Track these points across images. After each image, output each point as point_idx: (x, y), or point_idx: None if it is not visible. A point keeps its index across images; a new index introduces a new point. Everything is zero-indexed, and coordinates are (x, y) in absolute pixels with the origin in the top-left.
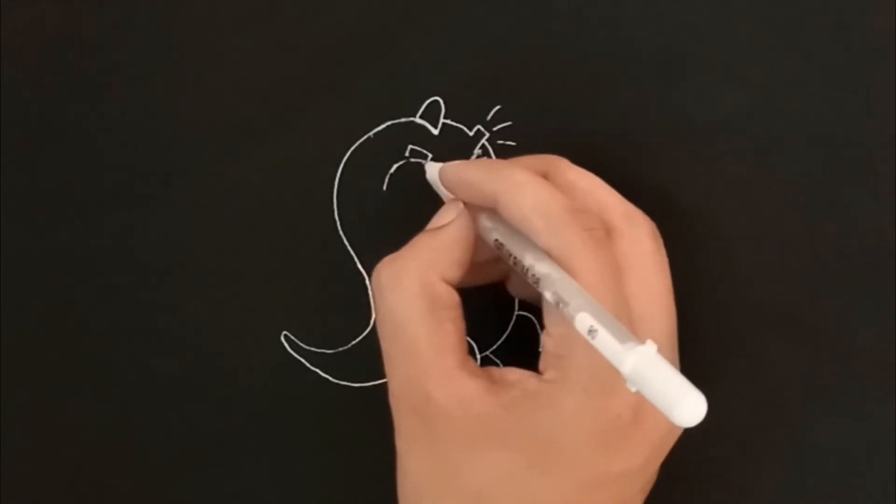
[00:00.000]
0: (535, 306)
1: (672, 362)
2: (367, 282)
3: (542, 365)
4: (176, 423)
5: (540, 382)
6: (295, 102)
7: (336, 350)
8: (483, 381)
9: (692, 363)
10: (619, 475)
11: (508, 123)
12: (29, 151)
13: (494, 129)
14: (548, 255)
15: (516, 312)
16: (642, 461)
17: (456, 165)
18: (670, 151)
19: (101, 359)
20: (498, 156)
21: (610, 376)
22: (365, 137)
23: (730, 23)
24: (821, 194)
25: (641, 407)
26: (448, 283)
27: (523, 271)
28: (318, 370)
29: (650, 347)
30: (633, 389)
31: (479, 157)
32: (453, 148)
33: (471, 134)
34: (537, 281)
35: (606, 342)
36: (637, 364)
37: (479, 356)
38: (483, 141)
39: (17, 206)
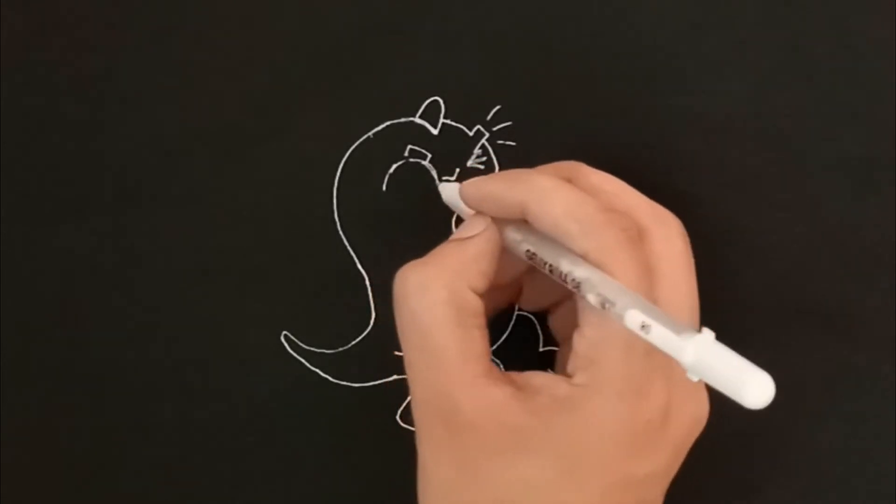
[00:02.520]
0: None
1: None
2: (367, 282)
3: (570, 368)
4: (176, 423)
5: (570, 387)
6: (294, 103)
7: (336, 350)
8: (509, 388)
9: None
10: (645, 478)
11: (508, 123)
12: (29, 151)
13: (494, 129)
14: (584, 258)
15: (516, 312)
16: (667, 463)
17: (476, 181)
18: (671, 150)
19: (100, 359)
20: (498, 156)
21: (644, 381)
22: (365, 137)
23: (731, 22)
24: (821, 194)
25: (670, 412)
26: (475, 292)
27: (561, 278)
28: (318, 370)
29: (708, 335)
30: (695, 379)
31: (478, 157)
32: (453, 148)
33: (471, 134)
34: (578, 285)
35: (662, 335)
36: (698, 352)
37: None
38: (483, 141)
39: (17, 206)
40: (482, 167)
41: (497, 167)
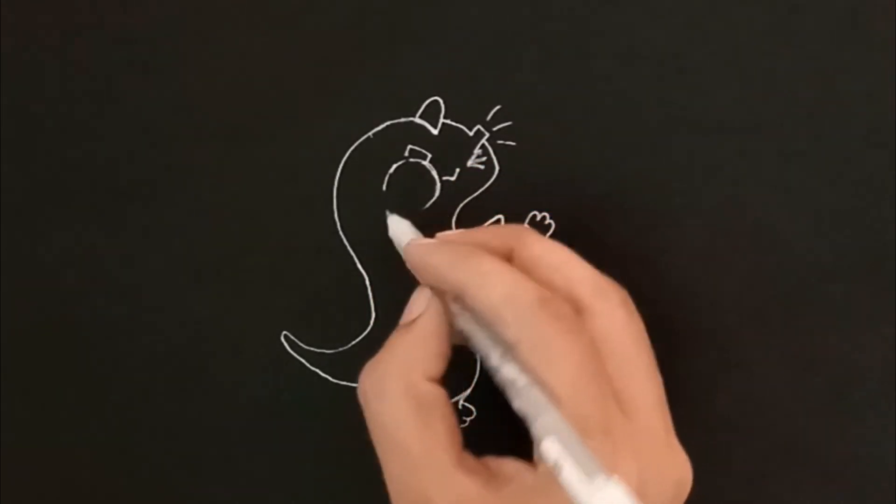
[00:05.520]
0: None
1: (663, 424)
2: (367, 282)
3: (536, 457)
4: (176, 422)
5: (535, 476)
6: (295, 102)
7: (336, 350)
8: (480, 478)
9: (692, 366)
10: None
11: (508, 123)
12: (29, 151)
13: (494, 129)
14: (517, 346)
15: None
16: None
17: (420, 247)
18: (669, 147)
19: (100, 359)
20: (498, 156)
21: (606, 459)
22: (365, 137)
23: (730, 22)
24: (820, 195)
25: (645, 484)
26: (431, 378)
27: (488, 371)
28: (318, 370)
29: (617, 489)
30: None
31: (478, 157)
32: (453, 148)
33: (471, 134)
34: (503, 388)
35: (572, 480)
36: None
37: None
38: (483, 141)
39: (17, 206)
40: (482, 167)
41: (497, 167)
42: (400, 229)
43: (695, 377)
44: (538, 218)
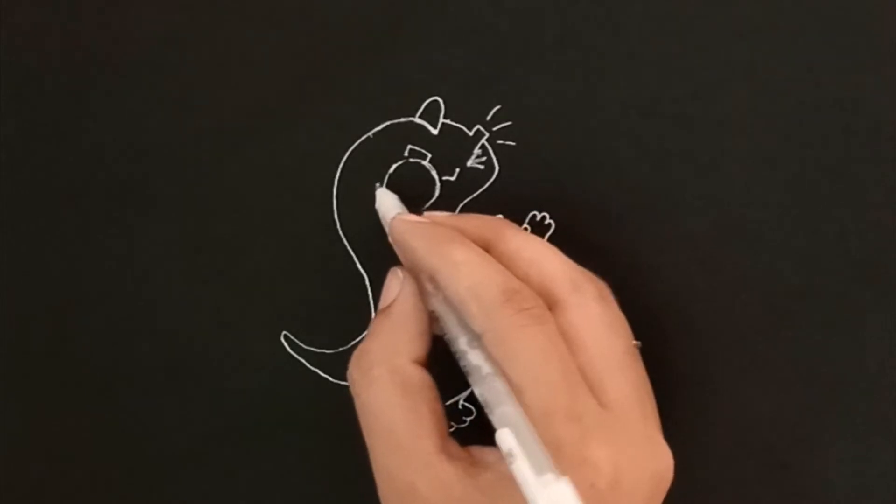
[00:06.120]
0: None
1: (641, 414)
2: (367, 282)
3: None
4: (176, 422)
5: None
6: (295, 102)
7: (336, 350)
8: (462, 464)
9: (689, 366)
10: None
11: (508, 123)
12: (29, 151)
13: (494, 129)
14: (482, 337)
15: None
16: None
17: (403, 224)
18: (669, 148)
19: (100, 359)
20: (498, 156)
21: (576, 448)
22: (364, 137)
23: (730, 21)
24: (820, 196)
25: (619, 473)
26: (416, 360)
27: (455, 354)
28: (318, 370)
29: (565, 487)
30: None
31: (478, 157)
32: (453, 148)
33: (471, 134)
34: (468, 373)
35: (522, 473)
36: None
37: None
38: (483, 141)
39: (17, 206)
40: (482, 167)
41: (497, 167)
42: (386, 204)
43: (692, 377)
44: (538, 218)
